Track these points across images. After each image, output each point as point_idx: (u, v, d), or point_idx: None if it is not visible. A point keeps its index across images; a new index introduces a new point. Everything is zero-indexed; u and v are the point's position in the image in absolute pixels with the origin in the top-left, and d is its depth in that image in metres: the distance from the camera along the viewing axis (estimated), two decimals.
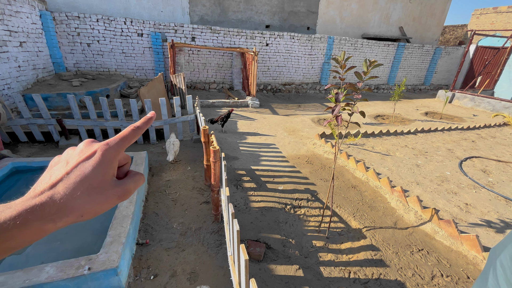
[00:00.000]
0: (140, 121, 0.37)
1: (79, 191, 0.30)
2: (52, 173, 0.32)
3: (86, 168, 0.31)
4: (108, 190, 0.32)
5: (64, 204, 0.29)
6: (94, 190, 0.31)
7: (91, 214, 0.31)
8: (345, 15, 10.49)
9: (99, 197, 0.31)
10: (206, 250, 2.12)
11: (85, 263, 1.61)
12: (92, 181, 0.31)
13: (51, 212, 0.28)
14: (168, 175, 3.24)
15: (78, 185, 0.30)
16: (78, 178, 0.31)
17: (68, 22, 6.65)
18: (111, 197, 0.32)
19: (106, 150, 0.33)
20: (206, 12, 8.61)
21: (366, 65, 1.67)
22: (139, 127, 0.36)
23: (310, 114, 6.96)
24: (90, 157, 0.32)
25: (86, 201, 0.30)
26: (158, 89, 5.59)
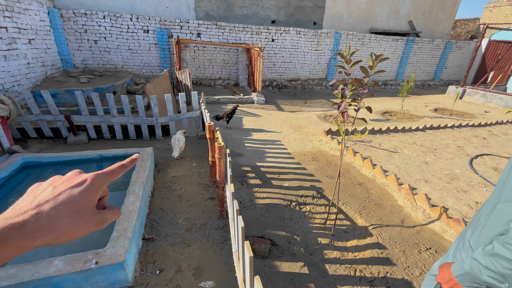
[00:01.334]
0: (126, 160, 0.41)
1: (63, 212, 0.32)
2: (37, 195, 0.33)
3: (74, 192, 0.34)
4: (88, 215, 0.34)
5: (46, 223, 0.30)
6: (77, 213, 0.33)
7: (67, 238, 0.32)
8: (352, 10, 10.29)
9: (79, 221, 0.33)
10: (211, 246, 2.13)
11: (92, 257, 1.64)
12: (77, 204, 0.33)
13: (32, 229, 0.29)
14: (174, 171, 3.26)
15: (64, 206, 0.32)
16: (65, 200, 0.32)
17: (76, 19, 6.71)
18: (90, 223, 0.34)
19: (95, 179, 0.36)
20: (212, 8, 8.56)
21: (372, 59, 1.63)
22: (125, 165, 0.40)
23: (316, 110, 6.89)
24: (80, 184, 0.35)
25: (67, 223, 0.32)
26: (164, 85, 5.61)
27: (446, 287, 0.93)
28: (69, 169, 2.11)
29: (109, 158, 3.16)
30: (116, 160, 3.25)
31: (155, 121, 4.07)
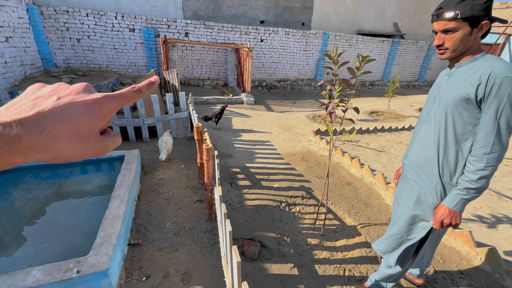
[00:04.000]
0: (142, 83, 0.34)
1: (64, 133, 0.27)
2: (37, 102, 0.27)
3: (80, 113, 0.28)
4: (90, 142, 0.30)
5: (43, 142, 0.26)
6: (79, 138, 0.28)
7: (63, 159, 0.28)
8: (340, 11, 10.44)
9: (79, 146, 0.29)
10: (200, 250, 2.09)
11: (73, 265, 1.56)
12: (81, 127, 0.28)
13: (27, 146, 0.25)
14: (161, 173, 3.19)
15: (66, 127, 0.27)
16: (68, 120, 0.27)
17: (57, 17, 6.46)
18: (90, 149, 0.30)
19: (106, 102, 0.30)
20: (200, 7, 8.47)
21: (359, 60, 1.64)
22: (140, 90, 0.34)
23: (305, 110, 6.94)
24: (89, 104, 0.29)
25: (66, 146, 0.27)
26: None
27: (449, 219, 1.17)
28: (49, 174, 2.00)
29: (92, 161, 3.05)
30: (100, 163, 3.15)
31: (142, 122, 3.97)
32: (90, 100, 0.29)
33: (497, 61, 1.04)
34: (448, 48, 1.11)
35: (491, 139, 1.05)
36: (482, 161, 1.07)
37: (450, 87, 1.16)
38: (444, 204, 1.19)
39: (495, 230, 2.59)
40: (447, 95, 1.16)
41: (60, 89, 0.30)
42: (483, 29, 1.05)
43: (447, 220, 1.17)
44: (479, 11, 1.01)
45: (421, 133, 1.31)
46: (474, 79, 1.06)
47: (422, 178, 1.30)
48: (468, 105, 1.09)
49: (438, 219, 1.20)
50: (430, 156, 1.25)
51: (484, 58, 1.08)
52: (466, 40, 1.07)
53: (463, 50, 1.11)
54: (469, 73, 1.09)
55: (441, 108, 1.19)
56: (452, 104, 1.14)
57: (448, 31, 1.08)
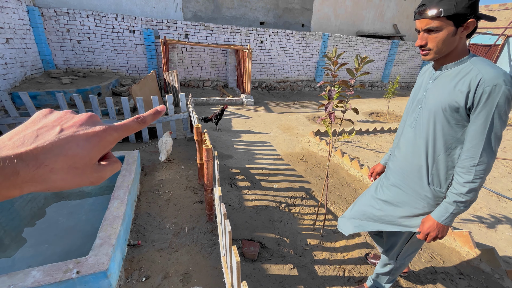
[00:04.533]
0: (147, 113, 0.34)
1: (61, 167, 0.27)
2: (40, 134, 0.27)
3: (79, 146, 0.28)
4: (86, 173, 0.29)
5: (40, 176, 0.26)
6: (75, 170, 0.28)
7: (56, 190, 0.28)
8: (339, 12, 10.48)
9: (74, 178, 0.28)
10: (200, 251, 2.09)
11: (73, 266, 1.56)
12: (78, 161, 0.28)
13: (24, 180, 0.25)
14: (161, 174, 3.19)
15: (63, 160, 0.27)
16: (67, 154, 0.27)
17: (57, 18, 6.48)
18: (85, 180, 0.30)
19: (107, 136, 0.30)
20: (200, 9, 8.50)
21: (358, 61, 1.65)
22: (144, 120, 0.33)
23: (305, 111, 6.95)
24: (89, 137, 0.29)
25: (62, 178, 0.27)
26: (151, 86, 5.50)
27: (435, 233, 1.12)
28: None
29: None
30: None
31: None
32: (91, 133, 0.29)
33: (486, 66, 0.97)
34: (431, 49, 1.04)
35: (479, 150, 0.99)
36: (470, 173, 1.02)
37: (438, 93, 1.09)
38: (432, 217, 1.13)
39: (495, 230, 2.59)
40: (435, 102, 1.10)
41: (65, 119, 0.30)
42: (469, 28, 0.97)
43: (433, 234, 1.12)
44: (464, 8, 0.93)
45: (408, 139, 1.25)
46: (464, 86, 0.99)
47: (411, 186, 1.25)
48: (457, 113, 1.04)
49: (425, 231, 1.15)
50: (419, 164, 1.19)
51: (472, 61, 1.01)
52: (450, 41, 1.00)
53: (448, 51, 1.03)
54: (457, 78, 1.03)
55: (429, 114, 1.12)
56: (440, 112, 1.08)
57: (431, 30, 1.00)
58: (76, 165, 0.28)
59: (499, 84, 0.92)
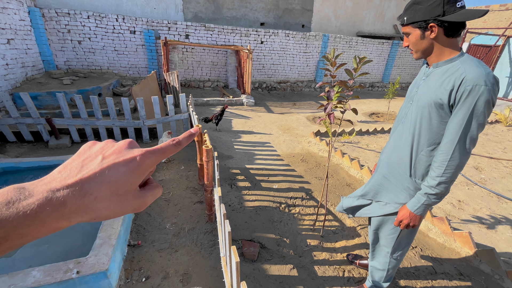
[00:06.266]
0: (182, 136, 0.35)
1: (105, 194, 0.28)
2: (85, 164, 0.29)
3: (120, 172, 0.29)
4: (129, 200, 0.30)
5: (85, 205, 0.27)
6: (117, 197, 0.29)
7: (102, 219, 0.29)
8: (339, 13, 10.49)
9: (118, 205, 0.29)
10: (200, 251, 2.09)
11: (73, 266, 1.57)
12: (120, 187, 0.29)
13: (71, 210, 0.26)
14: (162, 174, 3.20)
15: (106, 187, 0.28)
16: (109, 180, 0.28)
17: (58, 19, 6.50)
18: (128, 207, 0.31)
19: (145, 159, 0.31)
20: (200, 9, 8.52)
21: (356, 61, 1.65)
22: (180, 143, 0.34)
23: (305, 112, 6.95)
24: (128, 162, 0.30)
25: (106, 206, 0.28)
26: (151, 87, 5.51)
27: (407, 221, 1.21)
28: None
29: None
30: None
31: (142, 124, 3.98)
32: (129, 158, 0.30)
33: (472, 65, 1.00)
34: (412, 49, 1.15)
35: (453, 146, 1.04)
36: (441, 168, 1.07)
37: (427, 89, 1.14)
38: (406, 206, 1.22)
39: (495, 231, 2.58)
40: (423, 98, 1.15)
41: (106, 148, 0.31)
42: (434, 31, 1.04)
43: (405, 221, 1.21)
44: (422, 15, 1.03)
45: (398, 132, 1.32)
46: (448, 84, 1.04)
47: (396, 176, 1.32)
48: (442, 110, 1.08)
49: (399, 219, 1.25)
50: (404, 157, 1.26)
51: (461, 60, 1.05)
52: (420, 42, 1.09)
53: (426, 51, 1.11)
54: (444, 76, 1.07)
55: (417, 110, 1.18)
56: (427, 108, 1.13)
57: (406, 34, 1.14)
58: (118, 191, 0.29)
59: (479, 84, 0.95)
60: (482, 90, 0.95)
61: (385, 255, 1.51)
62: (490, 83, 0.95)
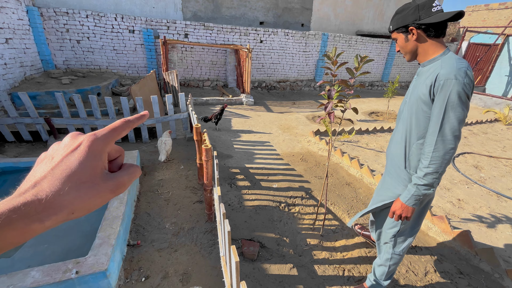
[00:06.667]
0: (133, 116, 0.35)
1: (67, 186, 0.28)
2: (37, 171, 0.29)
3: (72, 161, 0.29)
4: (99, 184, 0.30)
5: (50, 202, 0.27)
6: (84, 184, 0.29)
7: (83, 211, 0.29)
8: (339, 12, 10.47)
9: (89, 192, 0.29)
10: (199, 250, 2.09)
11: (72, 266, 1.56)
12: (80, 175, 0.29)
13: (37, 210, 0.26)
14: (161, 174, 3.19)
15: (64, 180, 0.28)
16: (64, 173, 0.28)
17: (57, 18, 6.48)
18: (103, 191, 0.30)
19: (92, 142, 0.31)
20: (199, 8, 8.49)
21: (357, 60, 1.65)
22: (130, 121, 0.35)
23: (305, 111, 6.95)
24: (76, 150, 0.30)
25: (76, 196, 0.28)
26: (150, 86, 5.50)
27: (400, 211, 1.28)
28: None
29: None
30: None
31: (141, 123, 3.97)
32: (76, 145, 0.30)
33: (449, 62, 1.10)
34: (402, 52, 1.30)
35: (435, 137, 1.12)
36: (427, 159, 1.15)
37: (415, 87, 1.26)
38: (399, 198, 1.29)
39: (494, 230, 2.59)
40: (413, 95, 1.27)
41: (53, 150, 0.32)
42: (414, 33, 1.18)
43: (398, 212, 1.29)
44: (402, 21, 1.19)
45: (397, 128, 1.44)
46: (428, 80, 1.14)
47: (395, 168, 1.42)
48: (426, 105, 1.18)
49: (392, 210, 1.33)
50: (399, 150, 1.36)
51: (442, 58, 1.15)
52: (406, 45, 1.24)
53: (412, 53, 1.25)
54: (427, 74, 1.18)
55: (409, 106, 1.29)
56: (415, 104, 1.24)
57: (395, 40, 1.30)
58: (82, 179, 0.29)
59: (450, 78, 1.05)
60: (453, 83, 1.04)
61: (387, 250, 1.55)
62: (460, 77, 1.04)
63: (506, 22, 11.45)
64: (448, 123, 1.09)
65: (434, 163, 1.12)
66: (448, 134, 1.10)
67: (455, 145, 1.11)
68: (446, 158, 1.12)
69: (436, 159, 1.12)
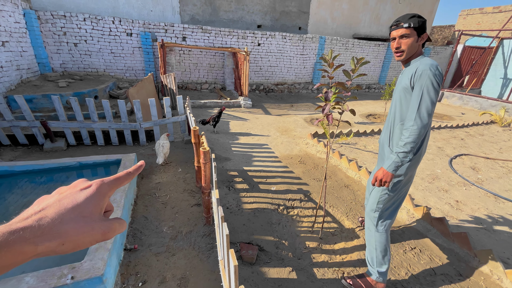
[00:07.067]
0: (132, 168, 0.41)
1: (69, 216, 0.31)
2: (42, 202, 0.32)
3: (79, 197, 0.33)
4: (95, 222, 0.33)
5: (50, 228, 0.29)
6: (83, 219, 0.32)
7: (72, 245, 0.31)
8: (336, 15, 10.56)
9: (85, 227, 0.31)
10: (197, 254, 2.06)
11: (68, 271, 1.53)
12: (83, 209, 0.32)
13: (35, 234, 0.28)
14: (158, 177, 3.16)
15: (68, 211, 0.31)
16: (69, 205, 0.31)
17: (54, 21, 6.46)
18: (97, 230, 0.33)
19: (101, 185, 0.35)
20: (197, 12, 8.52)
21: (354, 63, 1.66)
22: (131, 173, 0.40)
23: (303, 113, 6.96)
24: (85, 189, 0.34)
25: (72, 227, 0.30)
26: (148, 89, 5.48)
27: (381, 176, 1.53)
28: (45, 178, 1.99)
29: (89, 165, 3.02)
30: (96, 167, 3.12)
31: (139, 126, 3.95)
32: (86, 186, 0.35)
33: (425, 60, 1.46)
34: (404, 50, 1.51)
35: (414, 114, 1.42)
36: (407, 131, 1.44)
37: (400, 82, 1.59)
38: (382, 166, 1.55)
39: (493, 231, 2.59)
40: (397, 88, 1.60)
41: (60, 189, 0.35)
42: (423, 39, 1.50)
43: (379, 177, 1.53)
44: (422, 26, 1.46)
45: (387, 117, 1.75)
46: (409, 73, 1.49)
47: (383, 148, 1.76)
48: (408, 94, 1.51)
49: (374, 176, 1.58)
50: (386, 134, 1.70)
51: (421, 60, 1.49)
52: (415, 45, 1.49)
53: (412, 53, 1.52)
54: (410, 70, 1.51)
55: (394, 96, 1.63)
56: (399, 93, 1.57)
57: (404, 36, 1.48)
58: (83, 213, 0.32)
59: (426, 70, 1.41)
60: (428, 73, 1.39)
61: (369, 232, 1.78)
62: (433, 69, 1.40)
63: (500, 25, 11.62)
64: (424, 103, 1.39)
65: (413, 135, 1.41)
66: (424, 112, 1.39)
67: (429, 122, 1.41)
68: (422, 132, 1.40)
69: (414, 132, 1.41)
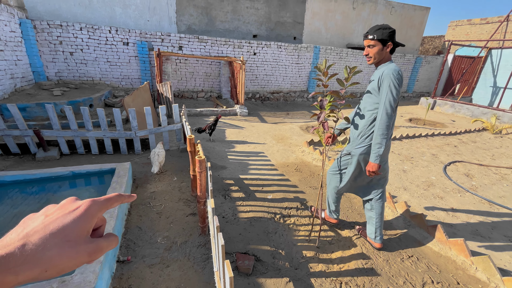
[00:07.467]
0: (125, 194, 0.40)
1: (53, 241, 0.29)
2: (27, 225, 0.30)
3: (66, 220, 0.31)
4: (80, 245, 0.31)
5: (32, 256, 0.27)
6: (68, 243, 0.30)
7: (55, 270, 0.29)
8: (329, 26, 10.81)
9: (69, 251, 0.30)
10: (192, 265, 2.02)
11: (57, 285, 1.48)
12: (68, 233, 0.30)
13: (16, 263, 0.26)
14: (153, 186, 3.12)
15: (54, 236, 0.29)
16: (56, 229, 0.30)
17: (50, 31, 6.48)
18: (82, 252, 0.31)
19: (90, 206, 0.33)
20: (194, 22, 8.65)
21: (347, 72, 1.69)
22: (123, 196, 0.39)
23: (299, 121, 7.01)
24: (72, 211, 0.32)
25: (56, 253, 0.29)
26: (144, 98, 5.48)
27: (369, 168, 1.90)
28: (36, 188, 1.95)
29: (82, 174, 2.97)
30: (90, 176, 3.07)
31: (134, 135, 3.92)
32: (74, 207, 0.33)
33: (391, 66, 1.79)
34: (371, 56, 1.85)
35: (381, 111, 1.76)
36: (378, 125, 1.79)
37: (371, 83, 1.90)
38: (370, 161, 1.89)
39: (488, 238, 2.59)
40: (368, 87, 1.93)
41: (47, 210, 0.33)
42: (389, 47, 1.81)
43: (370, 169, 1.90)
44: (385, 36, 1.76)
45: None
46: (377, 76, 1.82)
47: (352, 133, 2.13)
48: (376, 92, 1.85)
49: (367, 169, 1.93)
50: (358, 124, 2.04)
51: (388, 65, 1.80)
52: (380, 53, 1.82)
53: (379, 59, 1.85)
54: (378, 72, 1.83)
55: (365, 95, 1.97)
56: (368, 92, 1.92)
57: (371, 46, 1.83)
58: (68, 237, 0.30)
59: (389, 74, 1.75)
60: (391, 77, 1.73)
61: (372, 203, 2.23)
62: (395, 73, 1.73)
63: (487, 36, 12.01)
64: (388, 99, 1.74)
65: (381, 128, 1.77)
66: (388, 107, 1.74)
67: (392, 115, 1.75)
68: (388, 124, 1.76)
69: (382, 125, 1.77)
